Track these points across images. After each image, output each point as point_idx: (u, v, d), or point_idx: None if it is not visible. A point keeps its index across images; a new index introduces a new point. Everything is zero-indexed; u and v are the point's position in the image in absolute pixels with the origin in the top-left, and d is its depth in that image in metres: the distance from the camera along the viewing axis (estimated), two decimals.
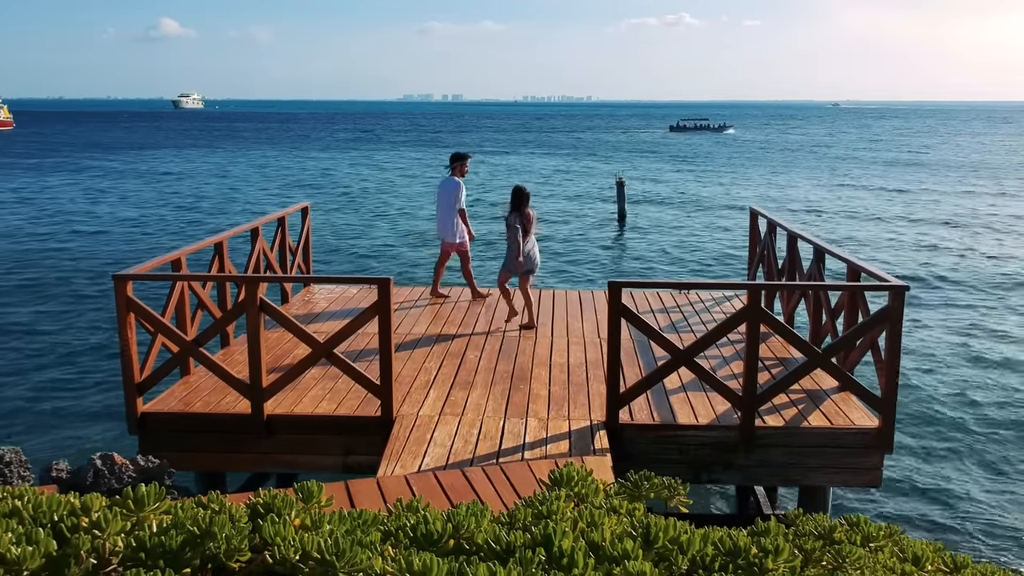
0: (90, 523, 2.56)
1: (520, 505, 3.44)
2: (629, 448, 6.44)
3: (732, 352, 8.43)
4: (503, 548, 2.68)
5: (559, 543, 2.66)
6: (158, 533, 2.58)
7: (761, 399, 6.51)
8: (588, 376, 7.77)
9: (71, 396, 12.10)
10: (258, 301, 6.51)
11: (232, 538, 2.53)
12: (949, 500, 9.35)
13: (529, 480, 5.04)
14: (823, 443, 6.53)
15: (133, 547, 2.53)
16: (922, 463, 10.26)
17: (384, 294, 6.44)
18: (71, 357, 13.85)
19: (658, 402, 7.02)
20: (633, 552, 2.62)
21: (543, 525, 2.80)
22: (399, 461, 5.85)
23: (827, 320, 8.02)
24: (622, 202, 30.09)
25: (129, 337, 6.68)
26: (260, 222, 9.99)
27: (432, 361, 8.17)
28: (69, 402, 11.86)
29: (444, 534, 2.83)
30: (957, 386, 12.91)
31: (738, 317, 6.50)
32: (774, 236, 10.38)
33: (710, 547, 2.72)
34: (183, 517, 2.66)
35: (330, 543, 2.54)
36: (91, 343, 14.66)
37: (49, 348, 14.26)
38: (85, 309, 16.87)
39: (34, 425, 10.89)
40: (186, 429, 6.81)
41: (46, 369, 13.20)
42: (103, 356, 13.75)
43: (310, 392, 7.21)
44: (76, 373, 13.08)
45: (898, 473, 9.85)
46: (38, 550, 2.37)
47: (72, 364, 13.49)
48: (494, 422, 6.58)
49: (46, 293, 18.30)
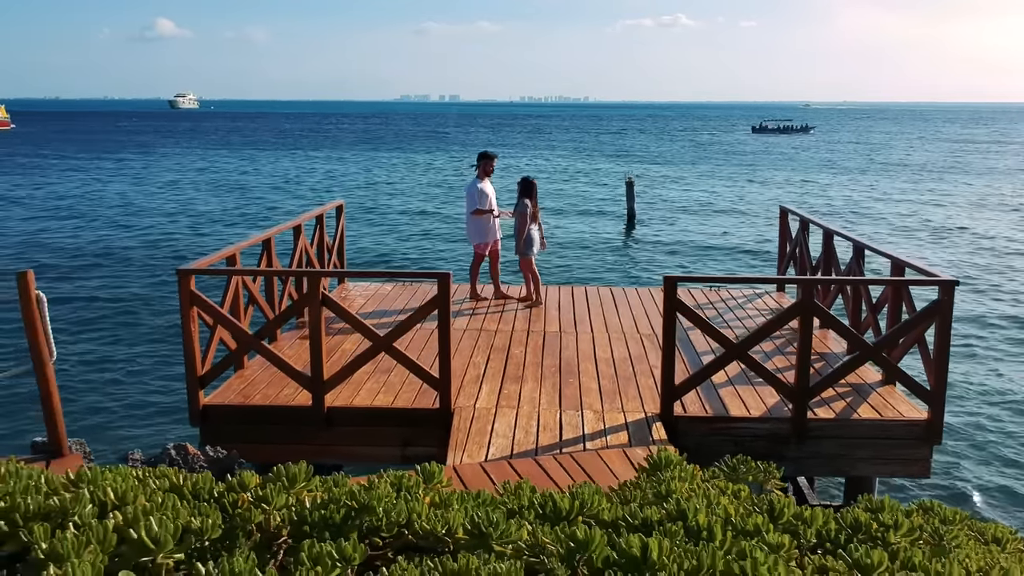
0: (256, 498, 2.71)
1: (629, 485, 3.59)
2: (684, 440, 6.57)
3: (772, 347, 8.56)
4: (640, 523, 2.82)
5: (694, 518, 2.80)
6: (318, 507, 2.72)
7: (813, 392, 6.65)
8: (635, 370, 7.91)
9: (117, 389, 12.28)
10: (320, 295, 6.65)
11: (390, 512, 2.68)
12: (990, 490, 9.51)
13: (601, 468, 5.18)
14: (874, 435, 6.67)
15: (295, 521, 2.68)
16: (965, 454, 10.42)
17: (444, 288, 6.59)
18: (114, 350, 14.01)
19: (708, 395, 7.16)
20: (764, 526, 2.76)
21: (674, 501, 2.95)
22: (465, 451, 6.00)
23: (868, 315, 8.16)
24: (631, 202, 30.21)
25: (192, 331, 6.82)
26: (302, 219, 10.14)
27: (479, 356, 8.31)
28: (113, 396, 12.01)
29: (572, 511, 2.97)
30: (999, 378, 13.08)
31: (791, 311, 6.64)
32: (807, 234, 10.52)
33: (832, 522, 2.87)
34: (339, 493, 2.80)
35: (483, 517, 2.69)
36: (134, 337, 14.85)
37: (92, 340, 14.41)
38: (124, 305, 17.07)
39: (83, 418, 11.02)
40: (247, 421, 6.96)
41: (94, 364, 13.35)
42: (146, 351, 13.92)
43: (365, 385, 7.35)
44: (120, 369, 13.24)
45: (938, 465, 10.01)
46: (216, 521, 2.52)
47: (113, 359, 13.64)
48: (550, 414, 6.72)
49: (92, 291, 18.48)
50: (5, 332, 13.89)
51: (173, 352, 13.89)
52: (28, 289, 4.60)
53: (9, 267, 20.77)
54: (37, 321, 4.64)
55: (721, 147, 76.37)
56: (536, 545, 2.53)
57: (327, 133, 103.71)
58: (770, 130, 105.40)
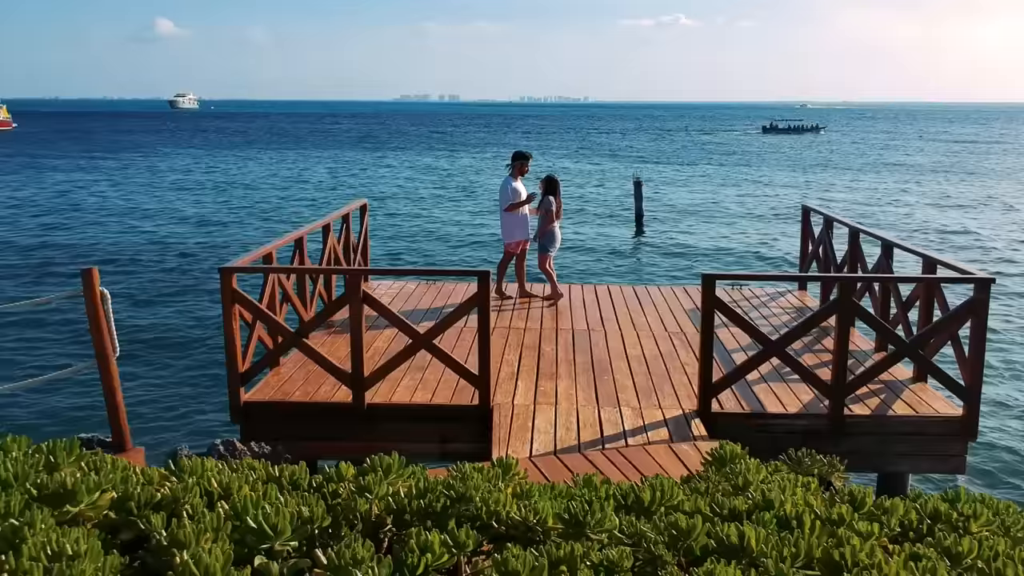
0: (357, 488, 2.78)
1: (697, 478, 3.66)
2: (722, 436, 6.61)
3: (801, 345, 8.61)
4: (728, 512, 2.89)
5: (781, 507, 2.87)
6: (416, 496, 2.79)
7: (850, 388, 6.71)
8: (667, 367, 7.98)
9: (152, 386, 12.37)
10: (361, 293, 6.72)
11: (488, 501, 2.75)
12: (1022, 488, 9.58)
13: (649, 463, 5.25)
14: (910, 431, 6.73)
15: (394, 510, 2.75)
16: (996, 450, 10.48)
17: (484, 286, 6.66)
18: (150, 349, 14.10)
19: (742, 392, 7.23)
20: (848, 516, 2.83)
21: (759, 491, 3.02)
22: (509, 446, 6.06)
23: (898, 311, 8.21)
24: (639, 202, 30.25)
25: (234, 328, 6.89)
26: (330, 219, 10.22)
27: (510, 354, 8.38)
28: (150, 392, 12.10)
29: (654, 502, 3.04)
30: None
31: (829, 309, 6.70)
32: (831, 232, 10.57)
33: (912, 512, 2.93)
34: (434, 483, 2.88)
35: (579, 507, 2.76)
36: (168, 334, 14.95)
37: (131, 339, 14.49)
38: (157, 304, 17.19)
39: None
40: (287, 417, 7.03)
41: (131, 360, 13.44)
42: (183, 348, 14.01)
43: (401, 382, 7.42)
44: (153, 365, 13.33)
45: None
46: (324, 510, 2.59)
47: (147, 357, 13.73)
48: (589, 411, 6.79)
49: (131, 289, 18.58)
50: (52, 328, 14.04)
51: (198, 350, 13.99)
52: (93, 285, 4.67)
53: (51, 266, 20.91)
54: (102, 317, 4.72)
55: (730, 147, 76.30)
56: (636, 533, 2.60)
57: (327, 133, 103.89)
58: (780, 130, 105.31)
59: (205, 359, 13.40)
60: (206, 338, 14.56)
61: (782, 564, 2.34)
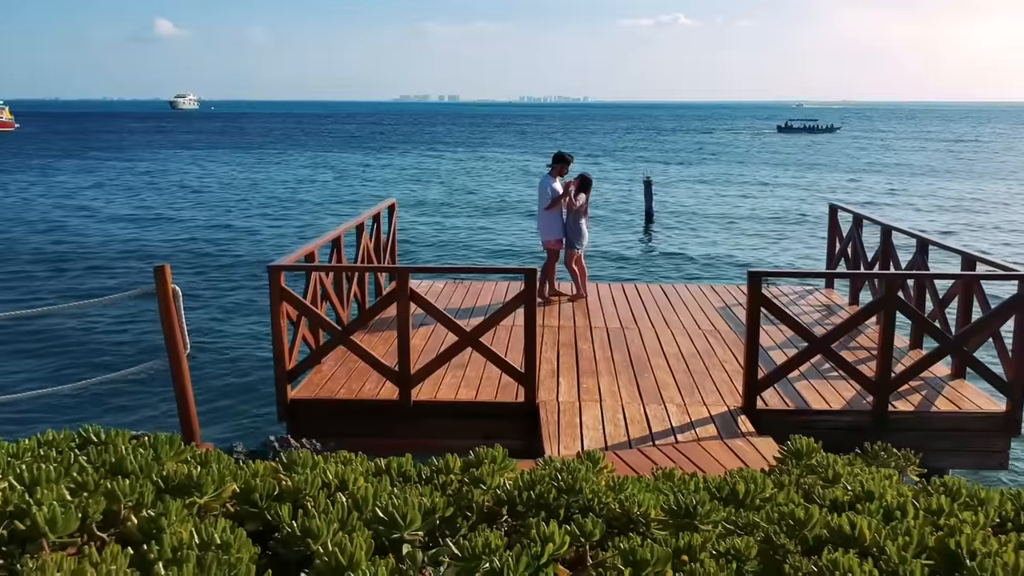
0: (472, 479, 2.84)
1: (778, 471, 3.71)
2: (766, 432, 6.68)
3: (838, 344, 8.65)
4: (830, 504, 2.94)
5: (882, 499, 2.92)
6: (525, 488, 2.85)
7: (894, 384, 6.76)
8: (706, 364, 8.03)
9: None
10: (408, 291, 6.78)
11: (599, 492, 2.81)
12: None
13: (707, 458, 5.30)
14: (952, 427, 6.78)
15: (505, 500, 2.81)
16: None
17: (531, 284, 6.71)
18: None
19: (783, 388, 7.28)
20: (948, 506, 2.88)
21: (857, 482, 3.07)
22: (560, 443, 6.12)
23: (935, 308, 8.25)
24: (649, 201, 30.26)
25: (282, 326, 6.96)
26: (363, 218, 10.28)
27: (548, 352, 8.44)
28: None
29: (748, 494, 3.09)
30: None
31: (875, 306, 6.75)
32: (860, 230, 10.61)
33: (1008, 503, 2.98)
34: (540, 475, 2.93)
35: (688, 499, 2.81)
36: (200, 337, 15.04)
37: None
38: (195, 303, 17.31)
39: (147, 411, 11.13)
40: (333, 414, 7.10)
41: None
42: (216, 349, 14.07)
43: (444, 380, 7.48)
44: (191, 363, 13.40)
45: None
46: (443, 500, 2.65)
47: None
48: (634, 408, 6.84)
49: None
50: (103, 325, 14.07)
51: (234, 350, 14.00)
52: (165, 283, 4.74)
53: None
54: (173, 314, 4.78)
55: (745, 147, 76.22)
56: (749, 524, 2.65)
57: (329, 133, 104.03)
58: (795, 129, 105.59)
59: (241, 358, 13.43)
60: (241, 336, 14.59)
61: (904, 553, 2.39)
